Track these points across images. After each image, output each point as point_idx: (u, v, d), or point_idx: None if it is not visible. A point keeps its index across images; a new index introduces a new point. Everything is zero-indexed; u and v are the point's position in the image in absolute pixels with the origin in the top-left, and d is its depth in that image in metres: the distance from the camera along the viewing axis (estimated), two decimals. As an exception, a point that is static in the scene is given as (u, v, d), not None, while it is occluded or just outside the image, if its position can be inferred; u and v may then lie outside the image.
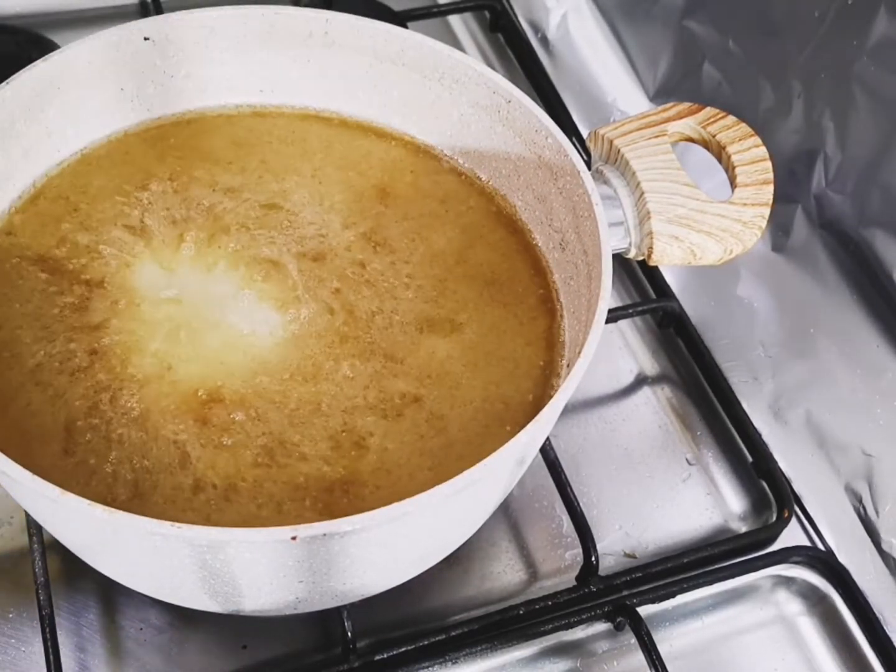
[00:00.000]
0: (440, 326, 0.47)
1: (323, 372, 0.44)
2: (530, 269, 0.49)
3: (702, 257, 0.46)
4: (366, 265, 0.48)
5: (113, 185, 0.50)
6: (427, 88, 0.51)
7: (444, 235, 0.50)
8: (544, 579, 0.52)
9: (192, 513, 0.40)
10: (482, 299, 0.48)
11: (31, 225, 0.48)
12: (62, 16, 0.72)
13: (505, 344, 0.46)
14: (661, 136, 0.47)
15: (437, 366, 0.45)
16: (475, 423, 0.44)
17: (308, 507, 0.40)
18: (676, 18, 0.65)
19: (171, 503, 0.40)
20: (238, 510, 0.40)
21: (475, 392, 0.45)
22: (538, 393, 0.45)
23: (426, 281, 0.48)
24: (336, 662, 0.47)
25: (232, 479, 0.41)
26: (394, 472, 0.42)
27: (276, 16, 0.51)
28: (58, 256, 0.46)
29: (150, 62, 0.50)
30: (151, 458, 0.41)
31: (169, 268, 0.47)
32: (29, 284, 0.45)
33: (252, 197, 0.50)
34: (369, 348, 0.45)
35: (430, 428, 0.43)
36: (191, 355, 0.44)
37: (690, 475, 0.57)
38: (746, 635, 0.52)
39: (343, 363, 0.45)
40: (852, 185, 0.54)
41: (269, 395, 0.43)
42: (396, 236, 0.49)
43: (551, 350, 0.47)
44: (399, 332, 0.46)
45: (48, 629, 0.45)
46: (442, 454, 0.43)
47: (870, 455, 0.54)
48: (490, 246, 0.50)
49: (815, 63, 0.55)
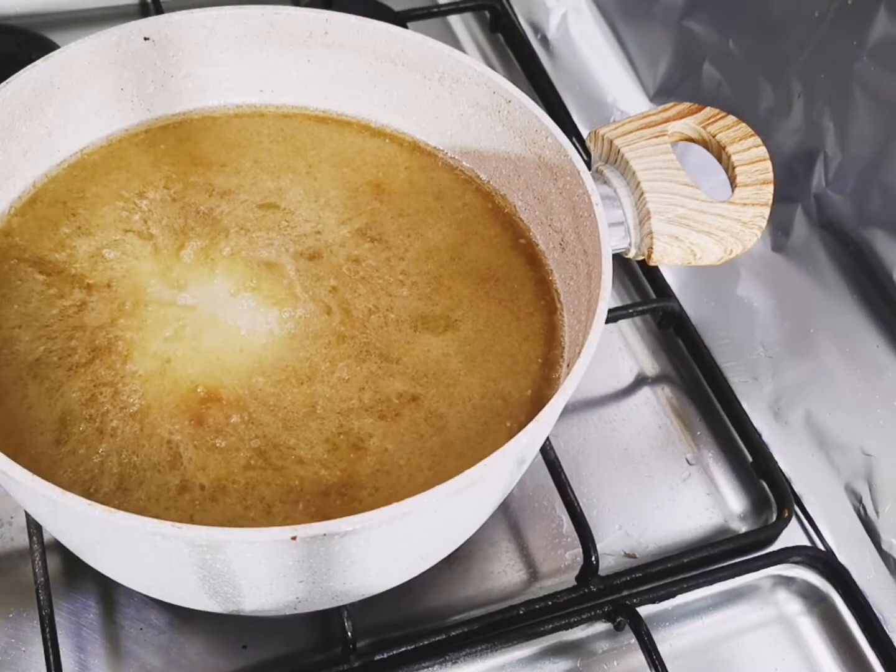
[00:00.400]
0: (435, 323, 0.47)
1: (319, 373, 0.44)
2: (528, 268, 0.49)
3: (702, 257, 0.46)
4: (361, 261, 0.48)
5: (113, 186, 0.49)
6: (427, 88, 0.51)
7: (445, 233, 0.50)
8: (544, 579, 0.52)
9: (175, 511, 0.40)
10: (477, 295, 0.48)
11: (29, 226, 0.48)
12: (62, 16, 0.72)
13: (501, 340, 0.46)
14: (662, 136, 0.47)
15: (434, 364, 0.45)
16: (474, 420, 0.44)
17: (301, 510, 0.40)
18: (676, 18, 0.65)
19: (154, 500, 0.40)
20: (224, 510, 0.40)
21: (473, 389, 0.45)
22: (536, 388, 0.45)
23: (420, 277, 0.48)
24: (336, 662, 0.47)
25: (222, 482, 0.41)
26: (393, 473, 0.42)
27: (276, 16, 0.51)
28: (56, 259, 0.46)
29: (150, 62, 0.50)
30: (141, 455, 0.41)
31: (168, 271, 0.47)
32: (27, 286, 0.45)
33: (249, 198, 0.50)
34: (365, 348, 0.45)
35: (429, 427, 0.43)
36: (190, 356, 0.44)
37: (690, 475, 0.57)
38: (746, 635, 0.52)
39: (339, 363, 0.45)
40: (852, 185, 0.54)
41: (266, 397, 0.43)
42: (392, 232, 0.49)
43: (550, 348, 0.47)
44: (395, 329, 0.46)
45: (48, 629, 0.45)
46: (442, 453, 0.43)
47: (870, 455, 0.54)
48: (486, 243, 0.50)
49: (815, 63, 0.55)
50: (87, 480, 0.40)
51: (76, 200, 0.49)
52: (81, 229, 0.48)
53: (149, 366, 0.43)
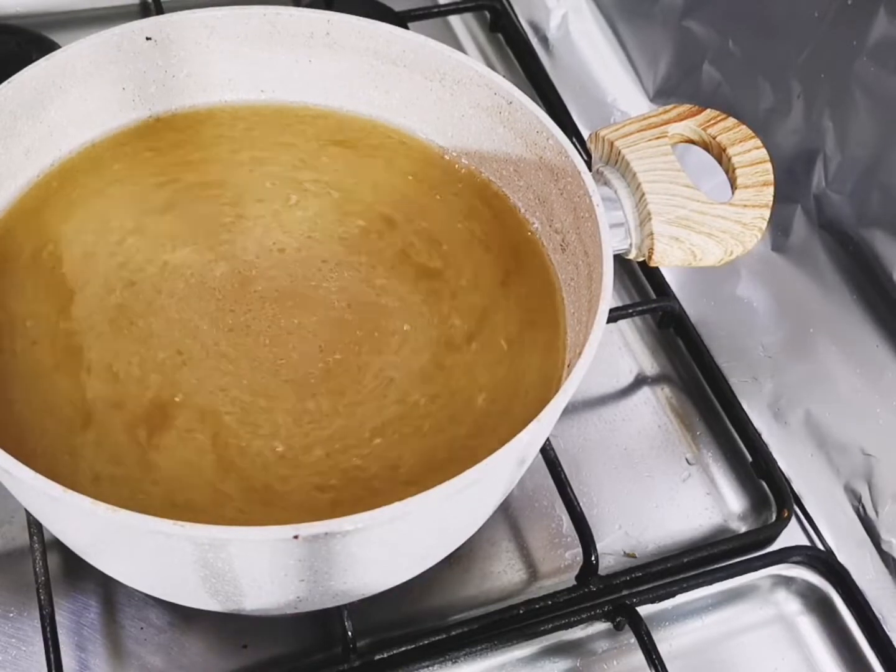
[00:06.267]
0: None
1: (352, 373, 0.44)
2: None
3: (702, 258, 0.46)
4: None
5: (114, 184, 0.50)
6: (428, 89, 0.51)
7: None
8: (544, 579, 0.52)
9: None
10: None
11: (30, 225, 0.48)
12: (63, 16, 0.72)
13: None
14: (662, 137, 0.47)
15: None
16: (476, 422, 0.44)
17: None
18: (676, 19, 0.65)
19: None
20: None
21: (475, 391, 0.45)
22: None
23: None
24: (336, 662, 0.47)
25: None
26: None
27: (278, 16, 0.51)
28: (44, 258, 0.46)
29: (152, 62, 0.50)
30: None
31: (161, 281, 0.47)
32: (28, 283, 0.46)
33: (245, 198, 0.50)
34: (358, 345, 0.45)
35: (431, 428, 0.43)
36: (193, 384, 0.44)
37: (690, 475, 0.57)
38: (746, 635, 0.52)
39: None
40: (852, 185, 0.54)
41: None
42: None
43: (551, 349, 0.47)
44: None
45: (49, 628, 0.45)
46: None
47: (869, 455, 0.54)
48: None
49: (814, 63, 0.55)
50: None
51: (77, 198, 0.49)
52: (82, 230, 0.48)
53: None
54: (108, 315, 0.45)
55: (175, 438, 0.42)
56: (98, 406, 0.42)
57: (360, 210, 0.50)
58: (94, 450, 0.41)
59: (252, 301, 0.46)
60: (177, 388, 0.43)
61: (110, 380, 0.43)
